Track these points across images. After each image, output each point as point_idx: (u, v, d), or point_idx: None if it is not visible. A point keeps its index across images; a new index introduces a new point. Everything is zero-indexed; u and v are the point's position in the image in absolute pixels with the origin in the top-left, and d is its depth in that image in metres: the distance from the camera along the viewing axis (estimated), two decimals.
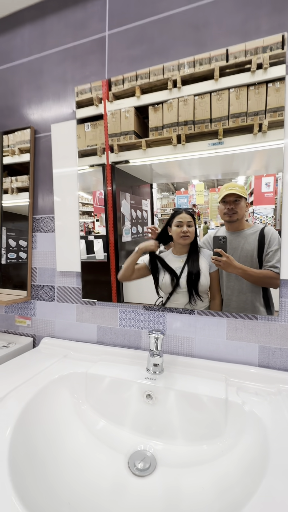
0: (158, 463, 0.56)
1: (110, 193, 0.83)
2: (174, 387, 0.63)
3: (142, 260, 0.80)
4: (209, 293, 0.74)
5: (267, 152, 0.67)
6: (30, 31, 0.94)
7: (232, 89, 0.69)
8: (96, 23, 0.84)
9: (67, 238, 0.88)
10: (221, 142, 0.70)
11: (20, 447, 0.48)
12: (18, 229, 0.99)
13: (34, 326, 0.97)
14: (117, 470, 0.54)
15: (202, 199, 0.75)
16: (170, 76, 0.74)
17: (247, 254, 0.69)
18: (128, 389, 0.66)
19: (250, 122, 0.68)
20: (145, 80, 0.77)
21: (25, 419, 0.54)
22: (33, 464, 0.49)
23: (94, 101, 0.83)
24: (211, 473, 0.51)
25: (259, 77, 0.67)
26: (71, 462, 0.54)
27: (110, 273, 0.84)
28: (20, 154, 0.96)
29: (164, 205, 0.80)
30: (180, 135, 0.74)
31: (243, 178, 0.71)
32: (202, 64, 0.71)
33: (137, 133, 0.79)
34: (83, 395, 0.68)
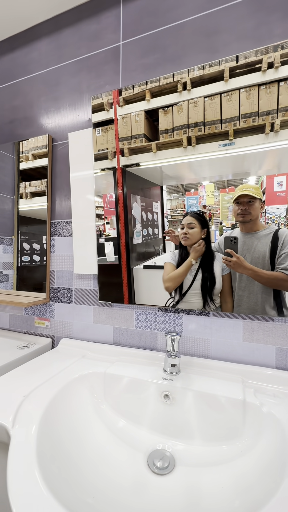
0: (177, 462, 0.57)
1: (121, 196, 0.85)
2: (192, 387, 0.64)
3: (154, 262, 0.82)
4: (220, 296, 0.75)
5: (279, 151, 0.67)
6: (47, 44, 0.98)
7: (243, 89, 0.69)
8: (110, 34, 0.87)
9: (84, 241, 0.91)
10: (232, 142, 0.71)
11: (46, 442, 0.51)
12: (32, 233, 1.03)
13: (52, 327, 1.00)
14: (137, 468, 0.56)
15: (213, 200, 0.76)
16: (179, 78, 0.75)
17: (259, 256, 0.69)
18: (146, 389, 0.68)
19: (261, 122, 0.68)
20: (155, 84, 0.78)
21: (49, 416, 0.57)
22: (59, 457, 0.51)
23: (105, 106, 0.85)
24: (230, 473, 0.52)
25: (270, 76, 0.67)
26: (93, 458, 0.56)
27: (122, 275, 0.85)
28: (34, 160, 1.00)
29: (174, 206, 0.81)
30: (191, 137, 0.75)
31: (254, 178, 0.71)
32: (212, 66, 0.72)
33: (147, 136, 0.80)
34: (101, 394, 0.70)
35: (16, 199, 1.05)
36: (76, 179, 0.92)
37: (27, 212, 1.04)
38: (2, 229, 1.09)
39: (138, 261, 0.84)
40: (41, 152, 0.99)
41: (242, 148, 0.70)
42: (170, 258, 0.80)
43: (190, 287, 0.76)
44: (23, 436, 0.49)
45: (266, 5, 0.69)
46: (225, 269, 0.74)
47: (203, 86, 0.73)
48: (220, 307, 0.75)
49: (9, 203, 1.08)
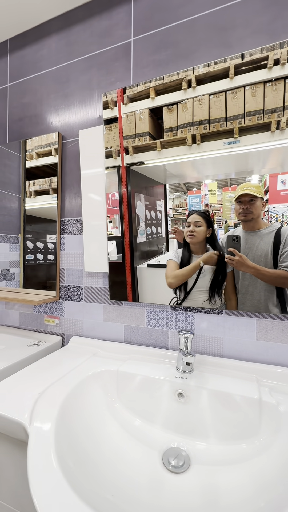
0: (192, 460, 0.57)
1: (125, 195, 0.84)
2: (206, 386, 0.64)
3: (157, 261, 0.82)
4: (223, 294, 0.75)
5: (284, 149, 0.66)
6: (57, 41, 0.97)
7: (248, 86, 0.68)
8: (121, 30, 0.87)
9: (95, 239, 0.91)
10: (237, 140, 0.70)
11: (64, 439, 0.51)
12: (36, 231, 1.03)
13: (62, 325, 1.00)
14: (152, 466, 0.56)
15: (215, 198, 0.75)
16: (184, 76, 0.75)
17: (261, 254, 0.69)
18: (160, 387, 0.67)
19: (267, 120, 0.67)
20: (159, 82, 0.78)
21: (65, 414, 0.57)
22: (77, 455, 0.51)
23: (109, 105, 0.85)
24: (248, 472, 0.52)
25: (276, 73, 0.66)
26: (109, 456, 0.56)
27: (126, 273, 0.85)
28: (38, 158, 1.00)
29: (176, 205, 0.81)
30: (195, 135, 0.74)
31: (257, 176, 0.71)
32: (217, 63, 0.71)
33: (151, 134, 0.80)
34: (114, 393, 0.70)
35: (22, 198, 1.06)
36: (86, 176, 0.91)
37: (31, 211, 1.04)
38: (9, 228, 1.10)
39: (141, 260, 0.84)
40: (45, 150, 0.98)
41: (247, 146, 0.69)
42: (173, 256, 0.80)
43: (195, 285, 0.77)
44: (41, 433, 0.49)
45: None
46: (228, 267, 0.74)
47: (208, 84, 0.73)
48: (224, 305, 0.75)
49: (15, 202, 1.08)
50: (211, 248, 0.76)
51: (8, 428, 0.55)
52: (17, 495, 0.58)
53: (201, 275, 0.76)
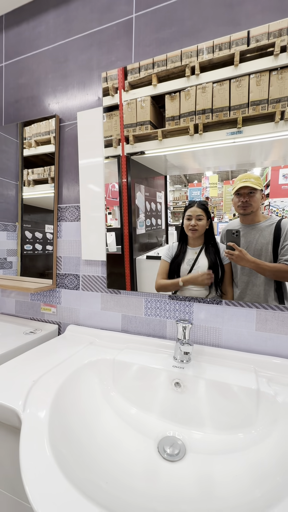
0: (188, 449, 0.56)
1: (125, 185, 0.82)
2: (203, 376, 0.63)
3: (156, 253, 0.80)
4: (220, 286, 0.73)
5: (287, 141, 0.64)
6: (55, 17, 0.92)
7: (253, 75, 0.66)
8: (123, 5, 0.82)
9: (93, 226, 0.88)
10: (240, 131, 0.68)
11: (57, 426, 0.50)
12: (34, 221, 1.01)
13: (59, 313, 0.99)
14: (148, 454, 0.55)
15: (216, 191, 0.74)
16: (188, 62, 0.72)
17: (262, 247, 0.67)
18: (156, 376, 0.67)
19: (271, 110, 0.65)
20: (162, 68, 0.75)
21: (59, 402, 0.56)
22: (71, 443, 0.50)
23: (110, 91, 0.81)
24: (244, 461, 0.51)
25: (283, 61, 0.63)
26: (104, 444, 0.55)
27: (125, 265, 0.84)
28: (37, 147, 0.97)
29: (177, 198, 0.79)
30: (198, 125, 0.72)
31: (259, 169, 0.69)
32: (222, 49, 0.68)
33: (153, 123, 0.77)
34: (110, 381, 0.70)
35: (19, 185, 1.03)
36: (85, 166, 0.88)
37: (30, 200, 1.01)
38: (6, 216, 1.07)
39: (140, 252, 0.83)
40: (44, 138, 0.95)
41: (250, 137, 0.67)
42: (165, 255, 0.79)
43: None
44: (35, 420, 0.48)
45: None
46: (225, 260, 0.72)
47: (212, 71, 0.70)
48: (220, 296, 0.74)
49: (12, 189, 1.05)
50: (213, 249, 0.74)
51: (1, 414, 0.54)
52: (12, 481, 0.58)
53: (194, 266, 0.75)
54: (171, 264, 0.78)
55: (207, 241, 0.75)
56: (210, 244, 0.74)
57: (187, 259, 0.76)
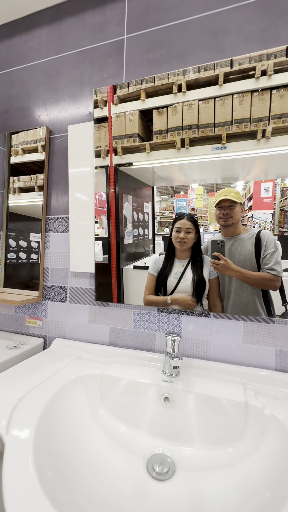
0: (177, 466, 0.55)
1: (113, 195, 0.83)
2: (192, 390, 0.63)
3: (143, 263, 0.81)
4: (208, 300, 0.75)
5: (268, 157, 0.68)
6: (48, 32, 0.94)
7: (236, 95, 0.70)
8: (115, 27, 0.85)
9: (82, 238, 0.88)
10: (224, 146, 0.71)
11: (43, 449, 0.48)
12: (19, 229, 0.99)
13: (45, 326, 0.96)
14: (136, 473, 0.54)
15: (202, 203, 0.76)
16: (175, 80, 0.75)
17: (245, 258, 0.70)
18: (145, 391, 0.66)
19: (253, 128, 0.68)
20: (150, 84, 0.78)
21: (45, 421, 0.54)
22: (57, 465, 0.48)
23: (99, 104, 0.83)
24: (234, 477, 0.51)
25: (263, 83, 0.67)
26: (92, 465, 0.53)
27: (111, 275, 0.83)
28: (24, 155, 0.97)
29: (163, 208, 0.81)
30: (184, 139, 0.75)
31: (242, 183, 0.72)
32: (207, 70, 0.72)
33: (141, 136, 0.79)
34: (98, 398, 0.68)
35: (5, 194, 1.01)
36: (74, 175, 0.89)
37: (15, 208, 1.00)
38: None
39: (128, 261, 0.83)
40: (32, 146, 0.95)
41: (234, 153, 0.70)
42: (151, 268, 0.80)
43: (175, 289, 0.77)
44: (19, 442, 0.46)
45: (274, 9, 0.69)
46: (213, 273, 0.74)
47: (198, 90, 0.73)
48: (208, 309, 0.75)
49: None
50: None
51: None
52: None
53: (182, 279, 0.76)
54: (158, 277, 0.79)
55: (194, 254, 0.76)
56: (197, 258, 0.76)
57: (174, 272, 0.77)
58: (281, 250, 0.69)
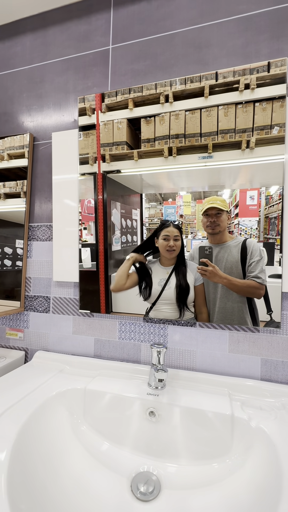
0: (163, 485, 0.53)
1: (101, 202, 0.82)
2: (178, 403, 0.61)
3: (132, 269, 0.80)
4: (194, 307, 0.74)
5: (253, 167, 0.70)
6: (32, 40, 0.93)
7: (221, 106, 0.71)
8: (100, 37, 0.86)
9: (65, 247, 0.86)
10: (210, 156, 0.72)
11: (18, 475, 0.45)
12: (4, 236, 0.96)
13: (26, 339, 0.92)
14: (120, 495, 0.51)
15: (189, 210, 0.77)
16: (162, 91, 0.76)
17: (232, 266, 0.71)
18: (130, 406, 0.63)
19: (238, 139, 0.70)
20: (138, 94, 0.78)
21: (22, 443, 0.50)
22: (33, 491, 0.45)
23: (87, 111, 0.83)
24: (220, 494, 0.49)
25: (247, 96, 0.70)
26: (72, 489, 0.50)
27: (99, 282, 0.82)
28: (10, 160, 0.94)
29: (152, 215, 0.81)
30: (172, 148, 0.76)
31: (229, 191, 0.73)
32: (193, 82, 0.73)
33: (129, 143, 0.80)
34: (81, 414, 0.65)
35: None
36: (59, 181, 0.87)
37: (0, 214, 0.96)
38: None
39: (116, 268, 0.82)
40: (18, 152, 0.93)
41: (220, 162, 0.72)
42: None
43: (160, 297, 0.76)
44: None
45: (255, 26, 0.72)
46: (198, 280, 0.74)
47: (185, 100, 0.75)
48: (195, 317, 0.74)
49: None
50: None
51: None
52: None
53: (166, 286, 0.75)
54: (140, 282, 0.78)
55: (178, 260, 0.76)
56: (181, 264, 0.75)
57: (158, 278, 0.76)
58: (266, 256, 0.69)
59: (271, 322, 0.68)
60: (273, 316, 0.68)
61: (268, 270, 0.69)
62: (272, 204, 0.71)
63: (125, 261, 0.78)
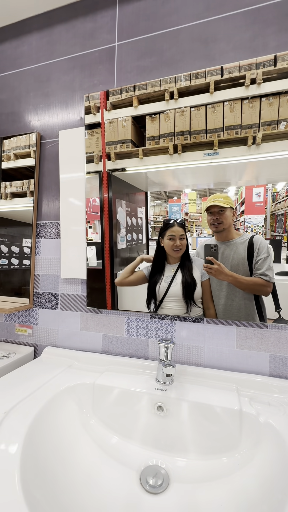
0: (171, 478, 0.54)
1: (106, 200, 0.83)
2: (186, 398, 0.62)
3: (138, 268, 0.81)
4: (202, 303, 0.74)
5: (259, 163, 0.69)
6: (38, 39, 0.94)
7: (226, 102, 0.71)
8: (106, 34, 0.86)
9: (73, 244, 0.87)
10: (216, 152, 0.72)
11: (31, 465, 0.46)
12: (11, 235, 0.97)
13: (35, 335, 0.93)
14: (129, 487, 0.52)
15: (195, 207, 0.77)
16: (167, 87, 0.76)
17: (238, 263, 0.70)
18: (138, 401, 0.64)
19: (244, 135, 0.69)
20: (142, 91, 0.78)
21: (33, 435, 0.52)
22: (45, 482, 0.46)
23: (92, 110, 0.83)
24: (229, 488, 0.50)
25: (253, 91, 0.69)
26: (82, 480, 0.51)
27: (105, 280, 0.83)
28: (16, 160, 0.96)
29: (157, 213, 0.81)
30: (177, 145, 0.75)
31: (234, 188, 0.73)
32: (198, 78, 0.73)
33: (134, 141, 0.80)
34: (90, 408, 0.66)
35: None
36: (66, 180, 0.88)
37: (7, 214, 0.98)
38: None
39: (121, 266, 0.82)
40: (24, 152, 0.94)
41: (225, 158, 0.71)
42: (144, 268, 0.80)
43: (166, 294, 0.76)
44: (5, 459, 0.44)
45: (262, 18, 0.71)
46: (204, 275, 0.74)
47: (190, 97, 0.74)
48: (203, 313, 0.74)
49: None
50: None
51: None
52: None
53: (172, 283, 0.75)
54: (149, 283, 0.78)
55: (183, 257, 0.76)
56: (186, 261, 0.75)
57: (165, 276, 0.77)
58: (273, 254, 0.69)
59: (280, 319, 0.68)
60: (282, 314, 0.68)
61: (275, 267, 0.68)
62: (279, 201, 0.71)
63: (135, 260, 0.79)
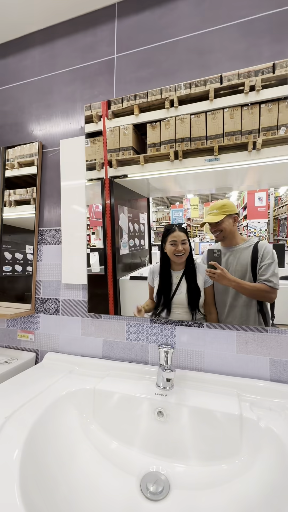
0: (172, 485, 0.54)
1: (108, 207, 0.84)
2: (187, 403, 0.62)
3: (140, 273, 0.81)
4: (204, 308, 0.74)
5: (260, 168, 0.70)
6: (40, 53, 0.98)
7: (226, 109, 0.72)
8: (105, 47, 0.89)
9: (74, 250, 0.88)
10: (217, 158, 0.73)
11: (31, 470, 0.46)
12: (15, 242, 0.99)
13: (37, 340, 0.94)
14: (129, 494, 0.52)
15: (197, 213, 0.77)
16: (167, 96, 0.78)
17: (242, 269, 0.70)
18: (139, 406, 0.64)
19: (244, 140, 0.70)
20: (143, 100, 0.80)
21: (33, 441, 0.52)
22: (45, 488, 0.46)
23: (94, 119, 0.86)
24: (230, 495, 0.49)
25: (252, 98, 0.70)
26: (83, 486, 0.51)
27: (108, 286, 0.83)
28: (19, 168, 0.98)
29: (159, 218, 0.82)
30: (177, 151, 0.76)
31: (236, 193, 0.73)
32: (198, 86, 0.75)
33: (135, 149, 0.81)
34: (90, 413, 0.66)
35: (0, 207, 1.01)
36: (67, 188, 0.90)
37: (10, 221, 1.00)
38: None
39: (124, 272, 0.83)
40: (27, 160, 0.96)
41: (226, 164, 0.72)
42: (149, 279, 0.80)
43: (172, 300, 0.76)
44: (4, 465, 0.44)
45: (255, 30, 0.73)
46: (208, 282, 0.74)
47: (190, 104, 0.75)
48: (204, 317, 0.74)
49: None
50: None
51: None
52: None
53: (177, 291, 0.76)
54: (159, 291, 0.78)
55: (187, 264, 0.76)
56: (190, 267, 0.76)
57: (171, 283, 0.77)
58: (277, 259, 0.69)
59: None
60: (280, 320, 0.67)
61: (280, 272, 0.68)
62: (282, 205, 0.71)
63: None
